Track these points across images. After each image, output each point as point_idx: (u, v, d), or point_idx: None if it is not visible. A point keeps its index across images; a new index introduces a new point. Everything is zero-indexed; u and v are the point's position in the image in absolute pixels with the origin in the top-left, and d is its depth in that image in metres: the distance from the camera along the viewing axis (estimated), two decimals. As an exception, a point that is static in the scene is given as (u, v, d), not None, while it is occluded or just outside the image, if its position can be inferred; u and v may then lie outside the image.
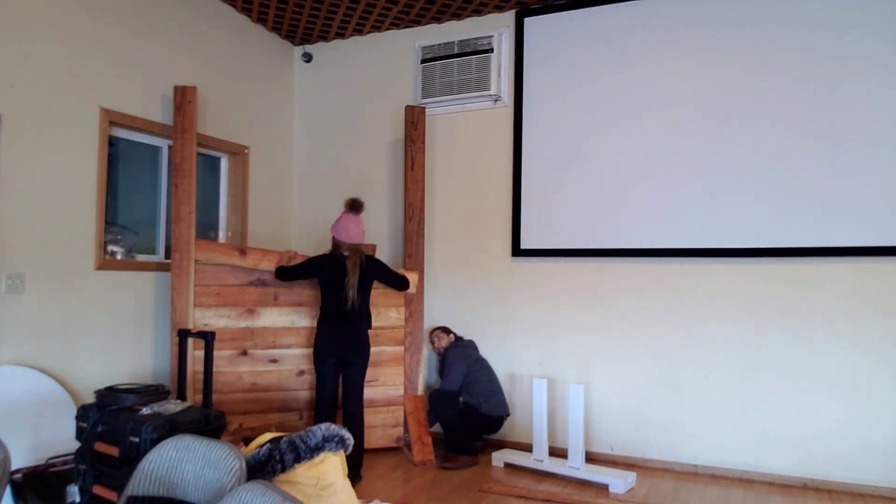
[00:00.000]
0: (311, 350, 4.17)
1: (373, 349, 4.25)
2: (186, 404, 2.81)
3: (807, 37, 3.81)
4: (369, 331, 3.90)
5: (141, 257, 4.23)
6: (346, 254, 3.73)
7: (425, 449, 4.14)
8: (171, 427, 2.58)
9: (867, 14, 3.68)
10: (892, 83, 3.62)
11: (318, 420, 3.76)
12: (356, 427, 3.75)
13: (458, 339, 4.49)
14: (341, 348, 3.70)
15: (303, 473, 2.39)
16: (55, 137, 3.53)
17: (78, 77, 3.65)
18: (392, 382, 4.35)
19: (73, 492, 2.72)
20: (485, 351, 4.57)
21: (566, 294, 4.41)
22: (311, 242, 5.30)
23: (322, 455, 2.44)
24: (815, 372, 3.76)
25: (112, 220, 4.05)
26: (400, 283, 4.08)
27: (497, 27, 4.69)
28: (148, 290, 4.11)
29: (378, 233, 5.02)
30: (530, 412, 4.39)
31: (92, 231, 3.72)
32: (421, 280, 4.43)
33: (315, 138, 5.38)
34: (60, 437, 3.30)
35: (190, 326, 3.94)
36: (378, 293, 4.30)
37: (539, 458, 3.97)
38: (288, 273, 3.82)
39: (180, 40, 4.35)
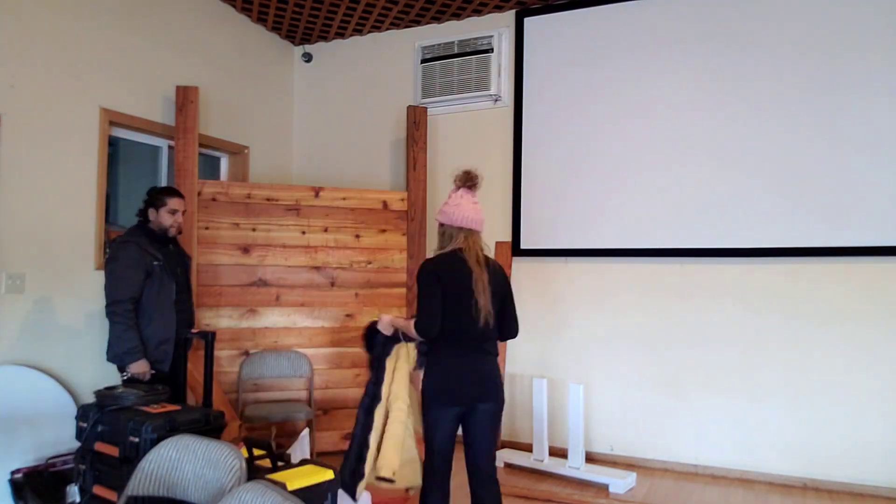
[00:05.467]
0: (313, 350, 4.16)
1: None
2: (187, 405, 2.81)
3: (809, 36, 3.81)
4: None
5: (141, 257, 4.22)
6: (461, 247, 2.51)
7: (425, 449, 4.10)
8: (171, 427, 2.57)
9: (869, 14, 3.68)
10: (893, 83, 3.62)
11: (431, 491, 2.51)
12: (494, 495, 2.55)
13: None
14: (470, 390, 2.47)
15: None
16: (55, 137, 3.53)
17: (78, 77, 3.65)
18: (392, 382, 4.34)
19: (73, 492, 2.71)
20: (485, 351, 4.57)
21: (566, 294, 4.41)
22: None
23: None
24: (815, 372, 3.76)
25: (112, 220, 4.05)
26: (515, 327, 2.75)
27: (497, 27, 4.68)
28: (148, 290, 4.11)
29: (378, 233, 5.02)
30: (530, 412, 4.38)
31: (92, 231, 3.72)
32: (421, 280, 4.42)
33: (315, 138, 5.38)
34: (60, 437, 3.30)
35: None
36: (379, 293, 4.29)
37: (539, 458, 3.96)
38: (424, 318, 2.42)
39: (180, 40, 4.35)
